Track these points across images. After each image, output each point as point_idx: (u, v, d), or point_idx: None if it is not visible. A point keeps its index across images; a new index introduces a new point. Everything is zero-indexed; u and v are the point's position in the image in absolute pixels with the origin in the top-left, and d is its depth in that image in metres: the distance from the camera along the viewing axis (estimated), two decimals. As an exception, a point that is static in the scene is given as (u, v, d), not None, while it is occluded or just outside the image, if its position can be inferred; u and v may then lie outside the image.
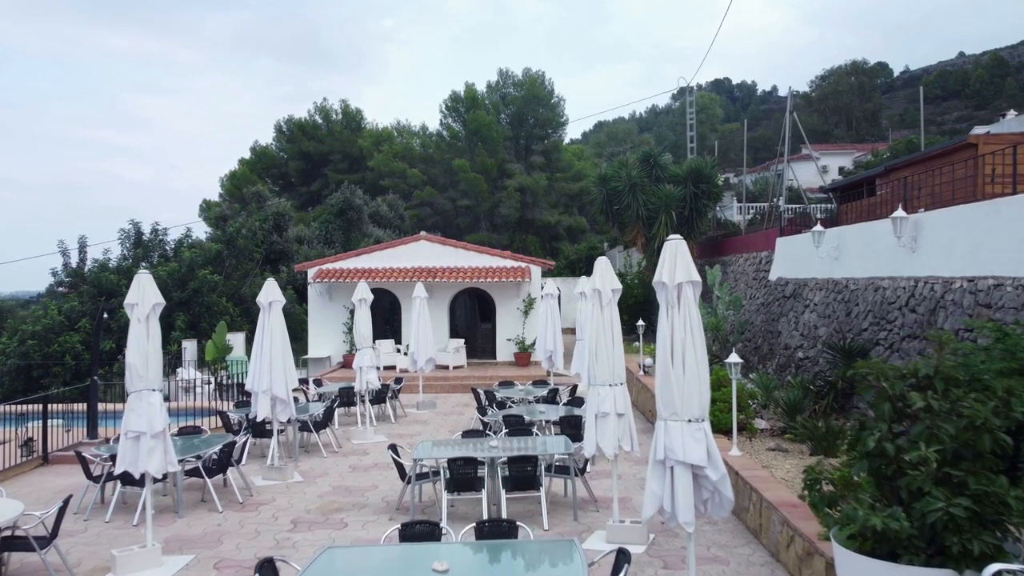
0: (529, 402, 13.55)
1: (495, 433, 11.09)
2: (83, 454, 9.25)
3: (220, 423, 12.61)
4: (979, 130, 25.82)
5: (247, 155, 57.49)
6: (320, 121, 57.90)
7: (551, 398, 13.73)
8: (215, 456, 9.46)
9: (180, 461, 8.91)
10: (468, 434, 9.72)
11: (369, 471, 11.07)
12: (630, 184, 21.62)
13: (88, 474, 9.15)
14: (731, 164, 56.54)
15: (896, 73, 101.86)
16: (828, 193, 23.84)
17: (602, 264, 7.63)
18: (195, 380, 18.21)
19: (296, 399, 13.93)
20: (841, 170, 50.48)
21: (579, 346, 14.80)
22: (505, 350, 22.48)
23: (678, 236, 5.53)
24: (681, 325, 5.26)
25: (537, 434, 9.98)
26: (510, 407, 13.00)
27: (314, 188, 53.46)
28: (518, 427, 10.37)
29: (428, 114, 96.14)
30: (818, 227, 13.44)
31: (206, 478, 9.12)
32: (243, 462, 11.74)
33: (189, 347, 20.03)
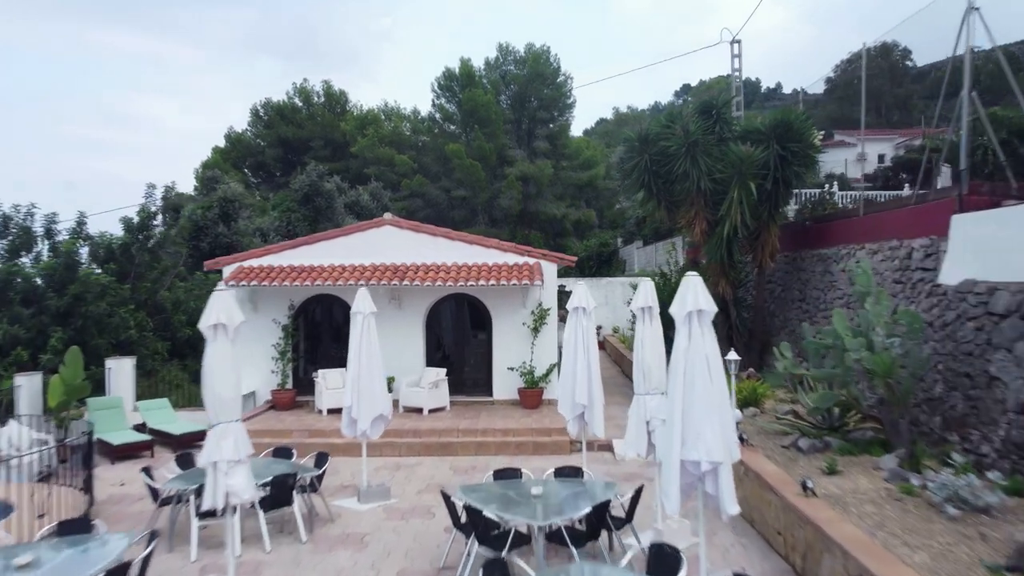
0: (550, 531, 6.81)
1: None
2: None
3: None
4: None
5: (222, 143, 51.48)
6: (300, 104, 51.76)
7: (596, 522, 6.96)
8: None
9: None
10: None
11: None
12: (688, 143, 14.79)
13: None
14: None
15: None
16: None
17: None
18: (24, 443, 11.48)
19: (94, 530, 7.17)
20: (881, 158, 45.15)
21: (639, 403, 8.16)
22: (505, 384, 15.68)
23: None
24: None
25: None
26: (513, 549, 6.28)
27: (293, 178, 47.28)
28: None
29: (423, 105, 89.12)
30: None
31: None
32: None
33: (26, 385, 13.16)
